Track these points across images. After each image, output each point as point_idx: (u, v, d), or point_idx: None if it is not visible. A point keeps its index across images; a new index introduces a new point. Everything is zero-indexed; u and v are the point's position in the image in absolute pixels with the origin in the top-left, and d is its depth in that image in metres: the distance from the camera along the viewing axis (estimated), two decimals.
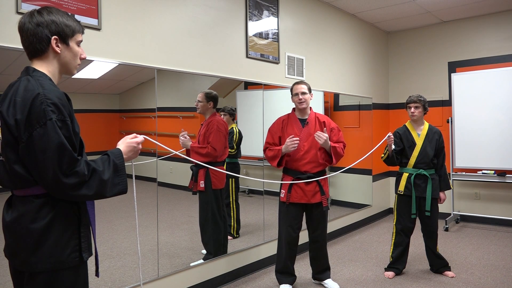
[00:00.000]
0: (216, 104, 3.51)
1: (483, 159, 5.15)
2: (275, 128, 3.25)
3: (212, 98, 3.48)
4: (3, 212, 1.43)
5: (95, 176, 1.37)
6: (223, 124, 3.46)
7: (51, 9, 1.44)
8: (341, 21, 5.16)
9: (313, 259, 3.38)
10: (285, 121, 3.24)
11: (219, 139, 3.36)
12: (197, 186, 3.41)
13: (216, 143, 3.34)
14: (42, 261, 1.35)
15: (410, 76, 6.13)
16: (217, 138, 3.35)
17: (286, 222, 3.20)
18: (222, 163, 3.51)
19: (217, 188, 3.44)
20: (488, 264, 3.89)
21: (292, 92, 3.25)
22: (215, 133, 3.36)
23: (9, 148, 1.35)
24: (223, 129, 3.43)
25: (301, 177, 3.10)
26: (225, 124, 3.49)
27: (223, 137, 3.42)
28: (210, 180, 3.39)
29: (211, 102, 3.47)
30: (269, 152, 3.18)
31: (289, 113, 3.31)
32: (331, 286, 3.35)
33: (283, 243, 3.24)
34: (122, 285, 2.80)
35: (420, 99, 3.52)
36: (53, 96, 1.33)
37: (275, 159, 3.12)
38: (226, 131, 3.48)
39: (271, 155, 3.15)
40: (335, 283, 3.38)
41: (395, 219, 3.60)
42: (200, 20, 3.33)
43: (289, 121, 3.23)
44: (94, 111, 3.05)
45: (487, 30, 5.44)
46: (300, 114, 3.25)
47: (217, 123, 3.41)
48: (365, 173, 5.64)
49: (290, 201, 3.15)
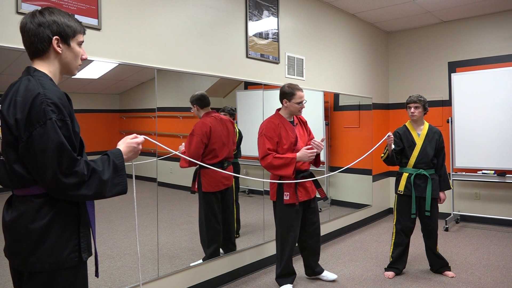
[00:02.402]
0: (202, 105, 3.42)
1: (483, 159, 5.15)
2: (272, 133, 3.12)
3: (194, 101, 3.43)
4: (3, 211, 1.44)
5: (94, 176, 1.37)
6: (199, 126, 3.31)
7: (52, 10, 1.44)
8: (341, 21, 5.16)
9: (311, 255, 3.39)
10: (279, 125, 3.16)
11: (189, 143, 3.28)
12: (193, 186, 3.43)
13: (187, 148, 3.28)
14: (41, 261, 1.35)
15: (410, 76, 6.13)
16: (187, 143, 3.29)
17: (295, 223, 3.17)
18: (218, 165, 3.33)
19: (207, 191, 3.37)
20: (488, 264, 3.89)
21: (293, 97, 3.14)
22: (188, 138, 3.31)
23: (9, 148, 1.35)
24: (198, 132, 3.28)
25: (305, 175, 3.17)
26: (203, 127, 3.31)
27: (196, 140, 3.27)
28: (200, 182, 3.37)
29: (195, 105, 3.43)
30: (276, 160, 3.03)
31: (277, 116, 3.23)
32: (330, 277, 3.46)
33: (290, 245, 3.19)
34: (122, 285, 2.80)
35: (420, 99, 3.52)
36: (53, 96, 1.34)
37: (289, 167, 3.00)
38: (205, 134, 3.30)
39: (280, 163, 3.02)
40: (332, 274, 3.50)
41: (395, 219, 3.60)
42: (200, 20, 3.33)
43: (282, 125, 3.17)
44: (94, 111, 3.05)
45: (487, 30, 5.44)
46: (290, 117, 3.25)
47: (194, 126, 3.33)
48: (365, 173, 5.64)
49: (299, 201, 3.14)
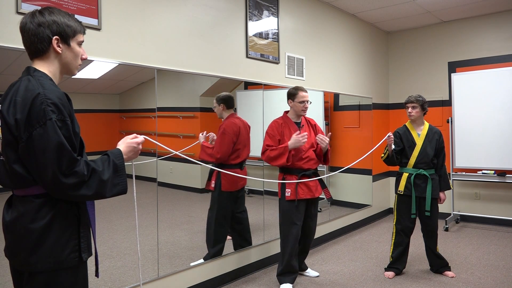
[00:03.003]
0: (228, 105, 3.56)
1: (483, 159, 5.15)
2: (274, 132, 3.31)
3: (222, 100, 3.55)
4: (3, 212, 1.44)
5: (94, 176, 1.37)
6: (231, 126, 3.46)
7: (52, 10, 1.44)
8: (341, 21, 5.16)
9: (300, 252, 3.52)
10: (283, 124, 3.34)
11: (221, 141, 3.39)
12: (209, 185, 3.51)
13: (218, 146, 3.39)
14: (42, 261, 1.35)
15: (410, 76, 6.12)
16: (219, 141, 3.40)
17: (296, 219, 3.27)
18: (238, 165, 3.50)
19: (227, 190, 3.48)
20: (488, 264, 3.89)
21: (296, 96, 3.31)
22: (219, 136, 3.42)
23: (9, 148, 1.35)
24: (229, 131, 3.43)
25: (307, 174, 3.27)
26: (234, 126, 3.47)
27: (228, 140, 3.42)
28: (220, 181, 3.45)
29: (222, 104, 3.54)
30: (272, 152, 3.22)
31: (283, 117, 3.42)
32: (313, 274, 3.64)
33: (291, 241, 3.27)
34: (122, 285, 2.80)
35: (418, 99, 3.52)
36: (53, 96, 1.33)
37: (282, 156, 3.16)
38: (235, 134, 3.46)
39: (275, 154, 3.19)
40: (314, 271, 3.68)
41: (395, 219, 3.60)
42: (200, 20, 3.33)
43: (286, 125, 3.35)
44: (94, 111, 3.05)
45: (487, 30, 5.43)
46: (296, 118, 3.40)
47: (225, 125, 3.46)
48: (365, 173, 5.64)
49: (298, 198, 3.24)
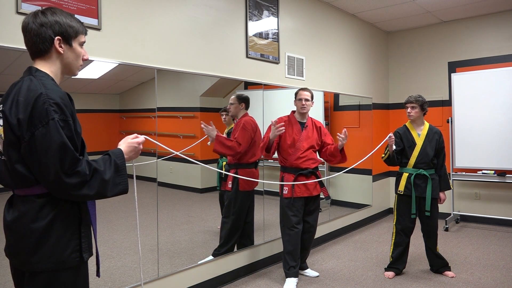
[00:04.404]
0: (248, 105, 3.64)
1: (483, 159, 5.15)
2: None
3: (244, 100, 3.63)
4: (4, 211, 1.43)
5: (96, 176, 1.37)
6: (250, 123, 3.54)
7: (55, 10, 1.44)
8: (341, 21, 5.16)
9: (303, 249, 3.54)
10: (286, 121, 3.44)
11: (243, 135, 3.45)
12: (225, 186, 3.55)
13: (241, 139, 3.43)
14: (43, 261, 1.35)
15: (410, 76, 6.13)
16: (242, 134, 3.45)
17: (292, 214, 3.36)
18: (254, 164, 3.57)
19: (245, 190, 3.53)
20: (488, 264, 3.89)
21: (296, 96, 3.49)
22: (241, 130, 3.47)
23: (11, 148, 1.35)
24: (249, 128, 3.51)
25: (304, 173, 3.36)
26: (252, 124, 3.57)
27: (249, 136, 3.48)
28: (237, 181, 3.48)
29: (243, 103, 3.62)
30: (261, 143, 3.37)
31: (289, 115, 3.54)
32: (313, 274, 3.64)
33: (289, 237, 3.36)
34: (122, 285, 2.80)
35: (418, 99, 3.52)
36: (56, 96, 1.34)
37: (264, 145, 3.29)
38: (253, 131, 3.53)
39: (261, 145, 3.35)
40: (314, 271, 3.68)
41: (395, 219, 3.60)
42: (200, 20, 3.33)
43: (289, 123, 3.46)
44: (94, 111, 3.05)
45: (487, 30, 5.44)
46: (300, 118, 3.51)
47: (244, 122, 3.53)
48: (365, 173, 5.64)
49: (294, 196, 3.35)
